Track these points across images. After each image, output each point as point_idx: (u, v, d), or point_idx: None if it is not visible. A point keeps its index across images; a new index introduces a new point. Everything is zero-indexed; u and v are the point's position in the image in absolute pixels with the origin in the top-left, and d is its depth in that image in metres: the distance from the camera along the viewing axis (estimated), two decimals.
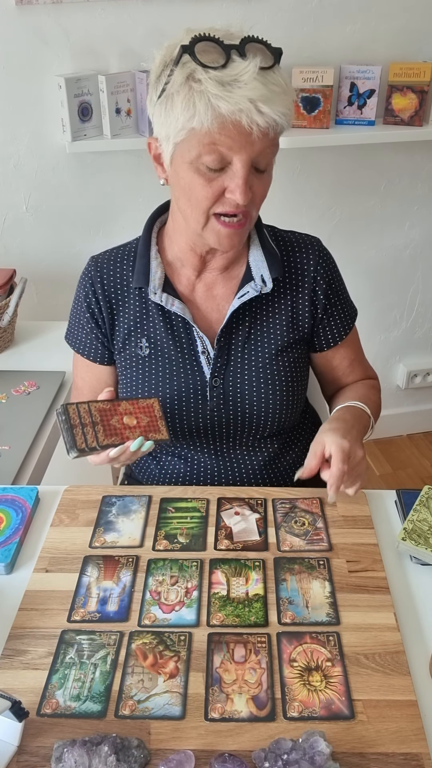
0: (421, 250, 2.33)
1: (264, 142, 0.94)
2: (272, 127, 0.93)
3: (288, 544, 1.00)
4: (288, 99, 0.94)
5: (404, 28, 1.93)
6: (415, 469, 2.57)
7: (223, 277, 1.14)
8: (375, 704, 0.78)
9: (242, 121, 0.91)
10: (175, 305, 1.10)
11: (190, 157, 0.96)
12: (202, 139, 0.94)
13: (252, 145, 0.94)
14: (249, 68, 0.91)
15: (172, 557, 0.98)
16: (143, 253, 1.12)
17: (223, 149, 0.94)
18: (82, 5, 1.73)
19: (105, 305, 1.15)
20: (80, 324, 1.20)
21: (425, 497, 1.04)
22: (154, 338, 1.14)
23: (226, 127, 0.92)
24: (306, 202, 2.15)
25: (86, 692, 0.80)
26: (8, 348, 1.68)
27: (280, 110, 0.92)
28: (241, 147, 0.94)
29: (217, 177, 0.97)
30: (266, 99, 0.91)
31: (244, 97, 0.90)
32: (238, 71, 0.91)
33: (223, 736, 0.75)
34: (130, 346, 1.16)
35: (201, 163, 0.96)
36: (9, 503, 1.07)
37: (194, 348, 1.13)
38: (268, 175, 1.01)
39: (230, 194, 0.97)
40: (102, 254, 1.18)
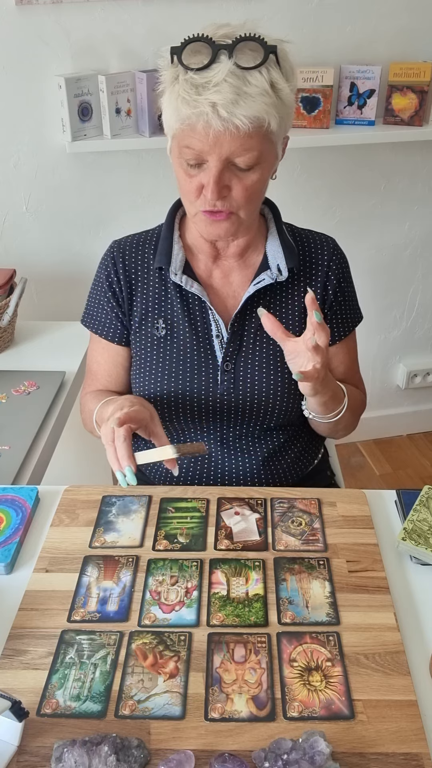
0: (421, 250, 2.33)
1: (235, 141, 0.96)
2: (237, 130, 0.95)
3: (283, 544, 1.00)
4: (263, 100, 0.95)
5: (404, 28, 1.93)
6: (415, 469, 2.57)
7: (239, 264, 1.17)
8: (375, 704, 0.78)
9: (198, 125, 0.95)
10: (194, 287, 1.14)
11: (176, 153, 1.02)
12: (180, 139, 1.00)
13: (220, 146, 0.96)
14: (222, 71, 0.94)
15: (172, 557, 0.98)
16: (166, 235, 1.16)
17: (196, 150, 0.98)
18: (82, 5, 1.73)
19: (125, 283, 1.19)
20: (100, 304, 1.22)
21: (425, 497, 1.04)
22: (171, 320, 1.17)
23: (192, 129, 0.96)
24: (306, 202, 2.14)
25: (86, 692, 0.80)
26: (8, 348, 1.68)
27: (244, 113, 0.93)
28: (210, 148, 0.97)
29: (197, 173, 1.01)
30: (229, 102, 0.93)
31: (207, 101, 0.93)
32: (213, 73, 0.94)
33: (223, 736, 0.75)
34: (146, 326, 1.19)
35: (183, 159, 1.01)
36: (9, 503, 1.07)
37: (209, 331, 1.16)
38: (256, 174, 1.01)
39: (205, 191, 1.01)
40: (124, 238, 1.23)
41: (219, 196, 1.00)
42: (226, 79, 0.93)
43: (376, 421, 2.66)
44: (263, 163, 1.01)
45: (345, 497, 1.09)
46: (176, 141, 1.01)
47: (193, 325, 1.16)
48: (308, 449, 1.29)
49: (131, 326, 1.21)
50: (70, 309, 1.85)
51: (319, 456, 1.34)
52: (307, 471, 1.29)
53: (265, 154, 1.01)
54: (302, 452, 1.27)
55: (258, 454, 1.22)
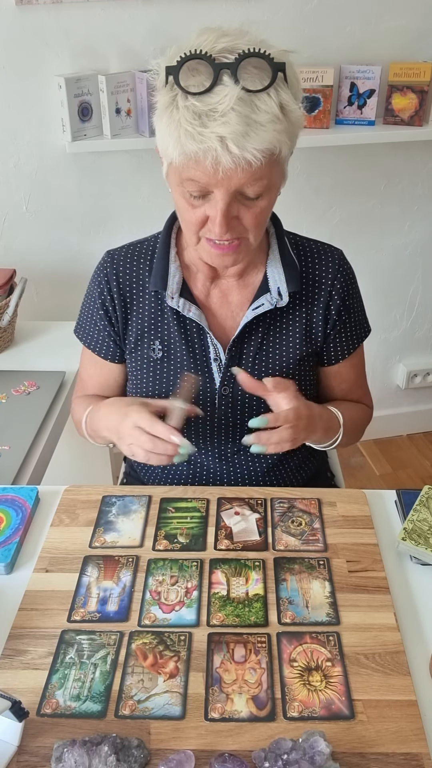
0: (421, 250, 2.33)
1: (245, 174, 0.89)
2: (249, 163, 0.88)
3: (283, 544, 1.00)
4: (274, 127, 0.87)
5: (404, 28, 1.92)
6: (415, 469, 2.57)
7: (238, 284, 1.13)
8: (375, 704, 0.78)
9: (207, 161, 0.87)
10: (192, 311, 1.10)
11: (176, 181, 0.95)
12: (181, 171, 0.92)
13: (229, 180, 0.90)
14: (228, 96, 0.85)
15: (172, 557, 0.98)
16: (162, 254, 1.11)
17: (201, 184, 0.91)
18: (82, 5, 1.73)
19: (119, 303, 1.14)
20: (93, 320, 1.18)
21: (425, 497, 1.04)
22: (168, 341, 1.13)
23: (197, 164, 0.89)
24: (306, 202, 2.14)
25: (86, 692, 0.80)
26: (8, 348, 1.68)
27: (256, 147, 0.86)
28: (218, 182, 0.90)
29: (201, 204, 0.95)
30: (239, 135, 0.85)
31: (214, 134, 0.85)
32: (217, 99, 0.85)
33: (223, 736, 0.75)
34: (142, 347, 1.15)
35: (185, 189, 0.94)
36: (9, 503, 1.07)
37: (207, 355, 1.13)
38: (265, 201, 0.96)
39: (211, 224, 0.95)
40: (119, 250, 1.16)
41: (228, 230, 0.94)
42: (234, 108, 0.85)
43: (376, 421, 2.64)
44: (272, 188, 0.96)
45: (345, 497, 1.09)
46: (176, 171, 0.93)
47: (191, 348, 1.13)
48: (309, 457, 1.27)
49: (126, 345, 1.17)
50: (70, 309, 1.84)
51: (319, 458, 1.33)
52: (308, 478, 1.29)
53: (274, 180, 0.95)
54: (303, 460, 1.26)
55: (257, 468, 1.20)
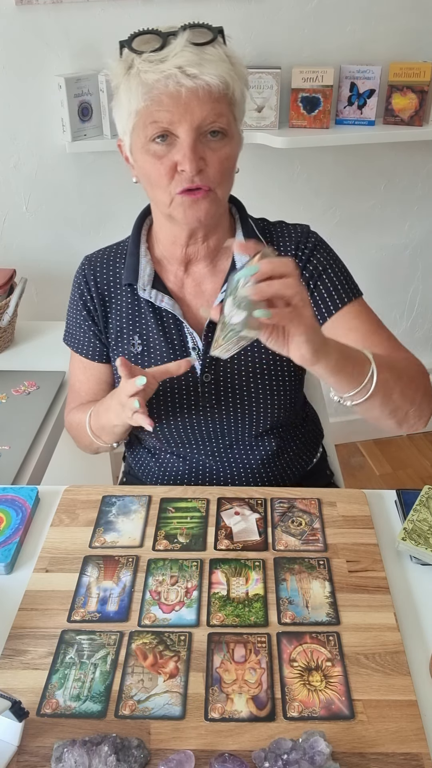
0: (421, 249, 2.33)
1: (206, 105, 0.94)
2: (209, 88, 0.93)
3: (284, 544, 1.00)
4: (225, 65, 0.94)
5: (404, 28, 1.93)
6: (415, 469, 2.57)
7: (210, 272, 1.14)
8: (375, 704, 0.78)
9: (169, 87, 0.93)
10: (164, 301, 1.12)
11: (141, 142, 0.99)
12: (144, 119, 0.96)
13: (191, 113, 0.94)
14: (178, 45, 0.93)
15: (172, 557, 0.98)
16: (133, 250, 1.14)
17: (164, 124, 0.95)
18: (82, 5, 1.73)
19: (99, 302, 1.17)
20: (77, 323, 1.21)
21: (425, 497, 1.04)
22: (147, 335, 1.15)
23: (159, 100, 0.94)
24: (306, 202, 2.15)
25: (86, 692, 0.80)
26: (8, 348, 1.68)
27: (212, 72, 0.93)
28: (180, 116, 0.94)
29: (167, 153, 0.98)
30: (195, 64, 0.92)
31: (172, 65, 0.92)
32: (169, 50, 0.94)
33: (223, 736, 0.75)
34: (122, 343, 1.17)
35: (149, 143, 0.98)
36: (9, 503, 1.07)
37: (185, 344, 1.14)
38: (229, 142, 0.99)
39: (180, 167, 0.97)
40: (95, 253, 1.20)
41: (197, 166, 0.96)
42: (185, 50, 0.93)
43: None
44: (232, 137, 0.99)
45: (345, 497, 1.09)
46: (140, 126, 0.97)
47: (169, 340, 1.14)
48: (304, 450, 1.27)
49: (109, 342, 1.19)
50: None
51: (318, 455, 1.33)
52: (306, 471, 1.29)
53: (232, 127, 0.99)
54: (298, 453, 1.26)
55: (252, 462, 1.20)
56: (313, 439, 1.31)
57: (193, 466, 1.21)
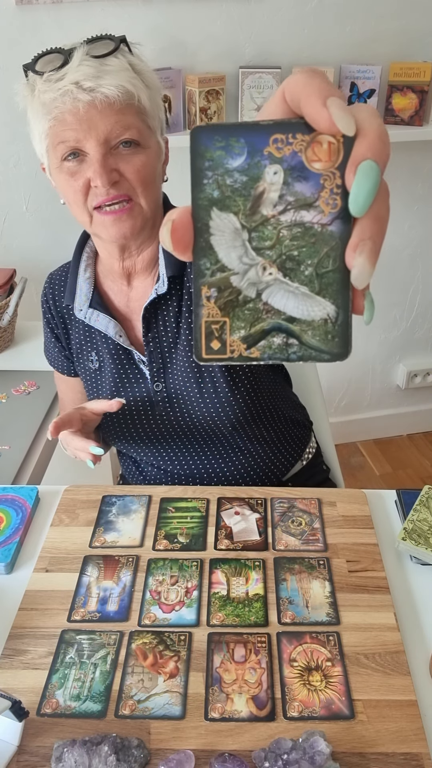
0: (421, 250, 2.33)
1: (109, 118, 0.91)
2: (109, 100, 0.90)
3: (284, 544, 1.00)
4: (125, 74, 0.91)
5: (404, 28, 1.93)
6: (415, 469, 2.57)
7: (151, 283, 1.11)
8: (375, 704, 0.78)
9: (67, 104, 0.90)
10: (99, 320, 1.10)
11: (55, 163, 0.97)
12: (53, 140, 0.94)
13: (95, 127, 0.91)
14: (76, 59, 0.90)
15: (172, 557, 0.98)
16: (73, 270, 1.14)
17: (72, 142, 0.93)
18: (81, 5, 1.73)
19: (59, 321, 1.19)
20: (49, 340, 1.24)
21: (425, 497, 1.04)
22: (101, 352, 1.16)
23: (62, 119, 0.91)
24: None
25: (86, 692, 0.80)
26: (8, 348, 1.68)
27: (110, 83, 0.89)
28: (85, 132, 0.91)
29: (79, 170, 0.95)
30: (92, 77, 0.89)
31: (68, 81, 0.89)
32: (68, 66, 0.90)
33: (223, 735, 0.75)
34: (82, 359, 1.19)
35: (62, 162, 0.95)
36: (9, 503, 1.07)
37: (132, 358, 1.14)
38: (141, 156, 0.95)
39: (93, 182, 0.95)
40: (56, 270, 1.21)
41: (109, 180, 0.93)
42: (83, 63, 0.89)
43: (376, 421, 2.66)
44: (146, 147, 0.96)
45: (345, 497, 1.09)
46: (50, 141, 0.95)
47: (116, 355, 1.13)
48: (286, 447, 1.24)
49: (73, 359, 1.21)
50: None
51: (312, 450, 1.32)
52: (298, 468, 1.27)
53: (145, 136, 0.95)
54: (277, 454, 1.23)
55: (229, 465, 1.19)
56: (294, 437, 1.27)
57: (173, 475, 1.21)
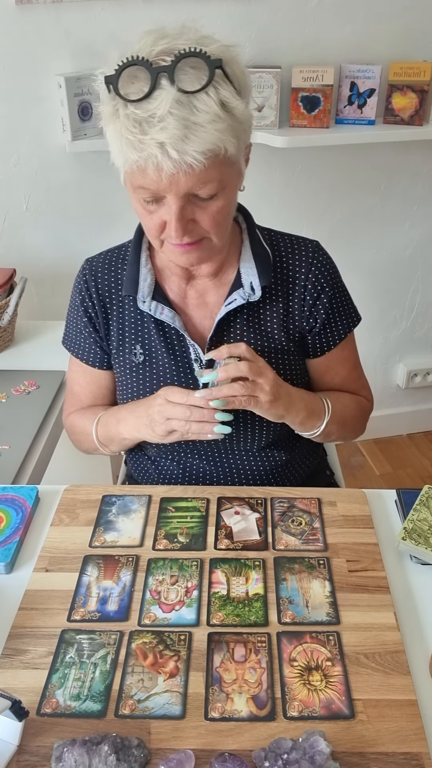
0: (421, 249, 2.33)
1: (190, 178, 0.88)
2: (191, 167, 0.87)
3: (284, 543, 1.00)
4: (217, 126, 0.86)
5: (404, 27, 1.92)
6: (415, 468, 2.57)
7: (213, 284, 1.12)
8: (375, 704, 0.78)
9: (149, 169, 0.88)
10: (164, 313, 1.09)
11: (130, 187, 0.96)
12: (131, 179, 0.93)
13: (176, 185, 0.89)
14: (165, 101, 0.85)
15: (172, 557, 0.98)
16: (133, 260, 1.11)
17: (151, 190, 0.91)
18: (82, 4, 1.73)
19: (100, 309, 1.14)
20: (77, 328, 1.19)
21: (425, 497, 1.04)
22: (149, 345, 1.13)
23: (143, 172, 0.89)
24: (306, 202, 2.14)
25: (86, 692, 0.80)
26: (8, 347, 1.68)
27: (196, 149, 0.85)
28: (166, 187, 0.90)
29: (156, 209, 0.95)
30: (178, 139, 0.85)
31: (153, 141, 0.85)
32: (155, 105, 0.85)
33: (223, 735, 0.75)
34: (124, 352, 1.15)
35: (139, 196, 0.95)
36: (9, 503, 1.07)
37: (187, 356, 1.12)
38: (220, 201, 0.94)
39: (168, 228, 0.95)
40: (96, 257, 1.17)
41: (185, 232, 0.94)
42: (171, 111, 0.84)
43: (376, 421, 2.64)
44: (226, 188, 0.94)
45: (345, 497, 1.09)
46: (128, 179, 0.94)
47: (171, 350, 1.12)
48: (307, 457, 1.27)
49: (110, 350, 1.17)
50: None
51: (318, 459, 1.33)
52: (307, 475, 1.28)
53: (227, 179, 0.94)
54: (301, 462, 1.25)
55: (254, 472, 1.19)
56: (314, 446, 1.30)
57: (192, 475, 1.20)
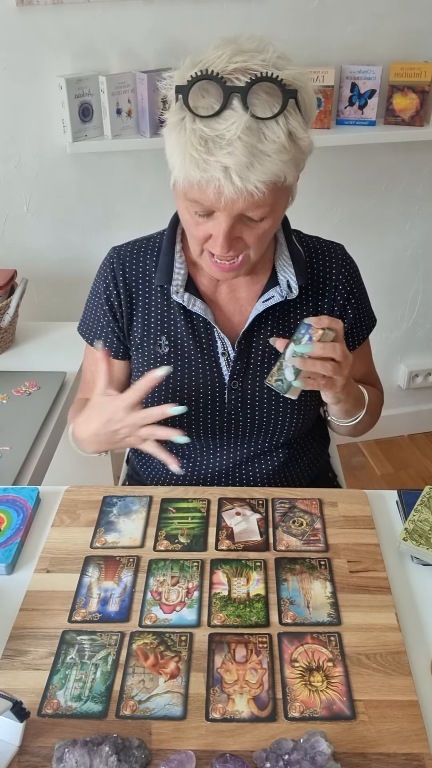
0: (422, 250, 2.33)
1: (247, 203, 0.89)
2: (252, 195, 0.88)
3: (285, 544, 1.00)
4: (282, 157, 0.87)
5: (405, 28, 1.93)
6: (416, 469, 2.57)
7: (246, 280, 1.13)
8: (376, 704, 0.78)
9: (209, 190, 0.88)
10: (197, 305, 1.09)
11: (181, 197, 0.96)
12: (186, 191, 0.93)
13: (232, 206, 0.90)
14: (236, 124, 0.84)
15: (173, 557, 0.98)
16: (167, 250, 1.11)
17: (205, 206, 0.92)
18: (82, 6, 1.73)
19: (125, 299, 1.14)
20: (96, 316, 1.18)
21: (426, 497, 1.04)
22: (175, 337, 1.13)
23: (201, 190, 0.89)
24: (307, 203, 2.13)
25: (87, 692, 0.80)
26: (9, 348, 1.68)
27: (259, 178, 0.86)
28: (220, 207, 0.91)
29: (204, 222, 0.95)
30: (244, 166, 0.85)
31: (218, 164, 0.85)
32: (225, 126, 0.85)
33: (224, 736, 0.75)
34: (149, 342, 1.14)
35: (189, 207, 0.95)
36: (10, 504, 1.07)
37: (214, 349, 1.12)
38: (269, 222, 0.95)
39: (213, 242, 0.96)
40: (124, 246, 1.16)
41: (230, 248, 0.95)
42: (240, 137, 0.84)
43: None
44: (276, 211, 0.96)
45: (346, 497, 1.08)
46: (181, 190, 0.93)
47: (198, 342, 1.12)
48: (314, 460, 1.27)
49: (131, 341, 1.16)
50: (70, 309, 1.85)
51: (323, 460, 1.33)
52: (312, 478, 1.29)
53: (279, 204, 0.95)
54: (308, 464, 1.26)
55: (265, 472, 1.20)
56: (322, 448, 1.31)
57: (201, 471, 1.20)
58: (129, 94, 1.81)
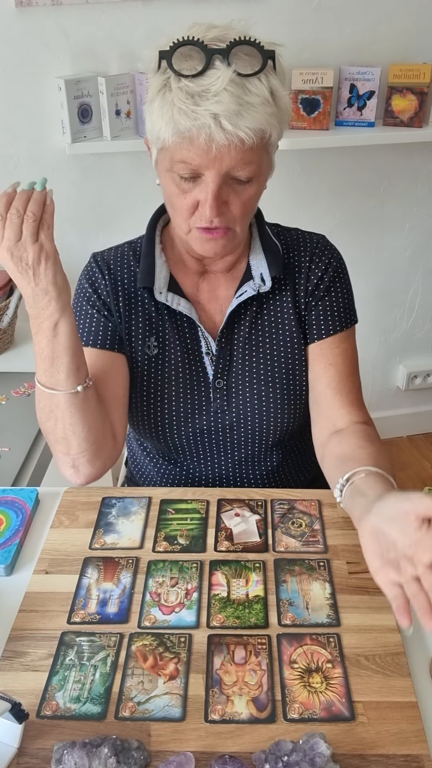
0: (421, 251, 2.33)
1: (237, 155, 0.90)
2: (242, 141, 0.89)
3: (284, 545, 1.00)
4: (265, 110, 0.89)
5: (404, 29, 1.93)
6: (415, 470, 2.57)
7: (225, 278, 1.13)
8: (375, 706, 0.78)
9: (200, 138, 0.88)
10: (181, 304, 1.09)
11: (166, 165, 0.96)
12: (173, 153, 0.93)
13: (221, 160, 0.90)
14: (221, 78, 0.87)
15: (172, 559, 0.98)
16: (147, 252, 1.11)
17: (193, 166, 0.92)
18: (81, 7, 1.74)
19: (123, 297, 1.12)
20: (88, 314, 1.12)
21: None
22: (163, 338, 1.13)
23: (190, 143, 0.90)
24: (306, 204, 2.15)
25: (86, 694, 0.80)
26: (8, 349, 1.68)
27: (248, 125, 0.88)
28: (209, 162, 0.91)
29: (191, 188, 0.95)
30: (233, 113, 0.87)
31: (207, 111, 0.86)
32: (210, 81, 0.87)
33: (223, 737, 0.75)
34: (137, 344, 1.14)
35: (175, 173, 0.95)
36: (9, 505, 1.07)
37: (199, 349, 1.12)
38: (254, 187, 0.97)
39: (201, 208, 0.96)
40: (106, 251, 1.16)
41: (218, 213, 0.95)
42: (226, 88, 0.86)
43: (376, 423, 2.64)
44: (261, 175, 0.97)
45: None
46: (168, 154, 0.94)
47: (184, 343, 1.12)
48: (306, 461, 1.27)
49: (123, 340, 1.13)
50: None
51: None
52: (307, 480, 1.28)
53: (263, 166, 0.96)
54: (301, 466, 1.25)
55: (259, 474, 1.20)
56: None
57: (195, 476, 1.20)
58: (128, 95, 1.82)
